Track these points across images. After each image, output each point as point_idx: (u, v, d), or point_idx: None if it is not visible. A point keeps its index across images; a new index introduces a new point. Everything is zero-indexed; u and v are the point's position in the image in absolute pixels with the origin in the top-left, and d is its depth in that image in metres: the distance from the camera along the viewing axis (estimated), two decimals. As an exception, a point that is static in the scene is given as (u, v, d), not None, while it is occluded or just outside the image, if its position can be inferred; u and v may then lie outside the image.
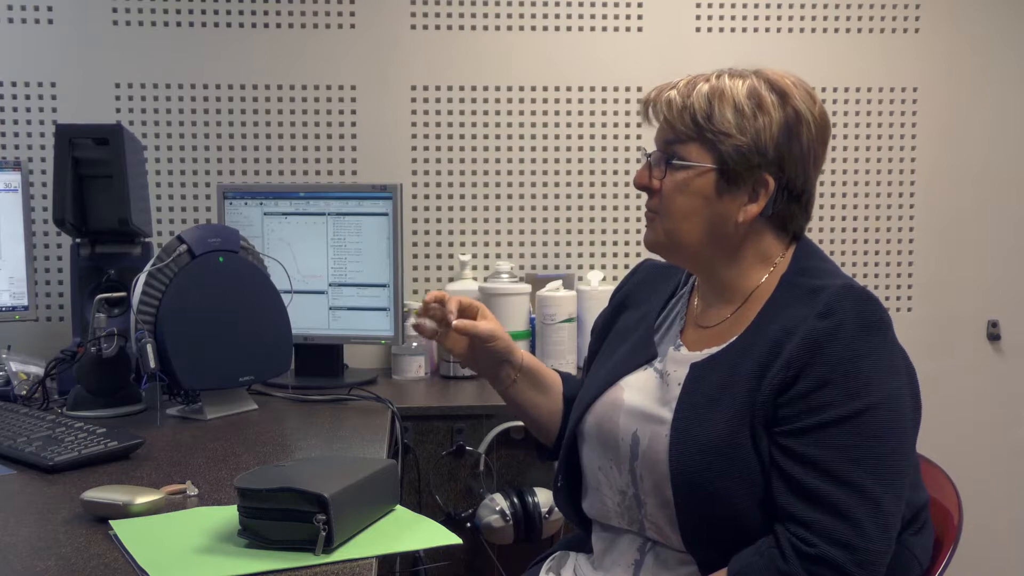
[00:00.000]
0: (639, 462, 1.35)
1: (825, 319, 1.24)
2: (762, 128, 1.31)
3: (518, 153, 2.79)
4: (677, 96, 1.34)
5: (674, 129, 1.34)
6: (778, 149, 1.32)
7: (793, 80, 1.35)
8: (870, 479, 1.20)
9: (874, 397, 1.22)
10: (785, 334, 1.26)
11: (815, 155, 1.36)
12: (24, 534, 1.31)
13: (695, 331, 1.42)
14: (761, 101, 1.32)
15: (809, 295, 1.28)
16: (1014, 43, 2.90)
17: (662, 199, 1.36)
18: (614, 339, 1.53)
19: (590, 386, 1.49)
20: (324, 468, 1.37)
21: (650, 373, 1.41)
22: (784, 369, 1.24)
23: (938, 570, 1.38)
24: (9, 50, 2.61)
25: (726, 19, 2.81)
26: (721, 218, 1.34)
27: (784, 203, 1.35)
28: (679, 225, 1.36)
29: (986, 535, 2.69)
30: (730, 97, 1.32)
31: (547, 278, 2.65)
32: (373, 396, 2.21)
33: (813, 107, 1.34)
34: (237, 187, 2.53)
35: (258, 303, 2.09)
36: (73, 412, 2.00)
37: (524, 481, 2.31)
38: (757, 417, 1.26)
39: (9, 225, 2.37)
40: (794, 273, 1.35)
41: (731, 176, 1.32)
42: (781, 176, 1.33)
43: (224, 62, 2.68)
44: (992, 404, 2.95)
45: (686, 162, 1.33)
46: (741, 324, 1.35)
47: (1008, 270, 2.95)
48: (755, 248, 1.37)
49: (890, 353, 1.26)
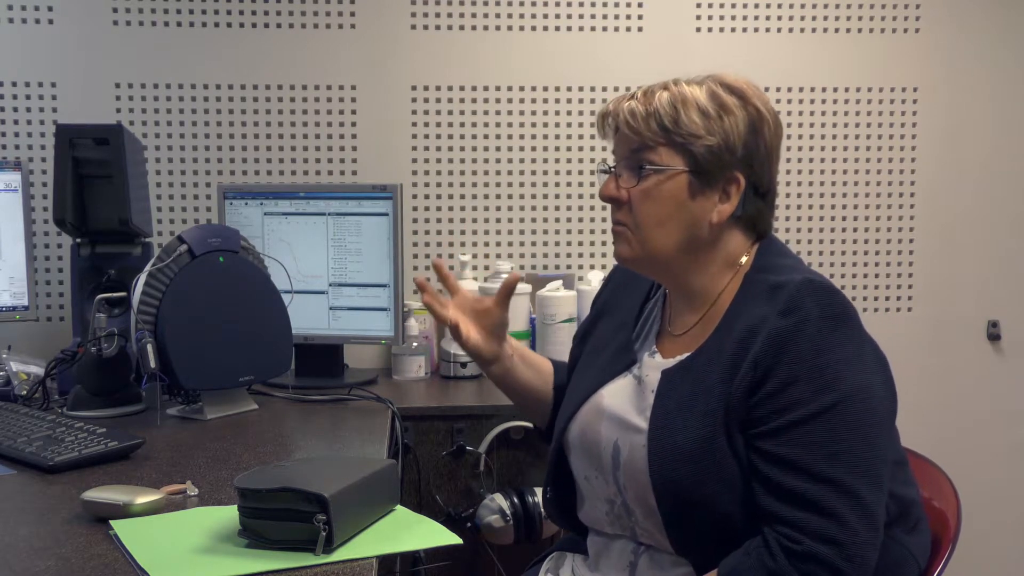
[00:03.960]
0: (621, 472, 1.35)
1: (787, 316, 1.24)
2: (730, 127, 1.32)
3: (518, 153, 2.79)
4: (638, 105, 1.34)
5: (640, 136, 1.33)
6: (746, 147, 1.33)
7: (746, 81, 1.37)
8: (847, 473, 1.20)
9: (843, 390, 1.22)
10: (750, 333, 1.26)
11: (776, 153, 1.38)
12: (24, 534, 1.31)
13: (669, 338, 1.42)
14: (723, 102, 1.33)
15: (770, 292, 1.28)
16: (1014, 43, 2.90)
17: (632, 209, 1.35)
18: (595, 346, 1.53)
19: (573, 395, 1.49)
20: (324, 468, 1.37)
21: (629, 379, 1.41)
22: (752, 369, 1.24)
23: (936, 570, 1.38)
24: (10, 50, 2.61)
25: (726, 19, 2.81)
26: (695, 221, 1.34)
27: (751, 200, 1.35)
28: (652, 233, 1.35)
29: (985, 535, 2.69)
30: (692, 101, 1.32)
31: (547, 278, 2.65)
32: (373, 396, 2.21)
33: (768, 106, 1.36)
34: (237, 187, 2.54)
35: (258, 303, 2.09)
36: (73, 412, 2.00)
37: (524, 481, 2.31)
38: (731, 420, 1.26)
39: (9, 225, 2.37)
40: (756, 271, 1.35)
41: (703, 177, 1.33)
42: (750, 174, 1.34)
43: (224, 62, 2.68)
44: (992, 404, 2.95)
45: (659, 166, 1.33)
46: (708, 328, 1.35)
47: (1008, 270, 2.95)
48: (724, 251, 1.37)
49: (856, 345, 1.25)
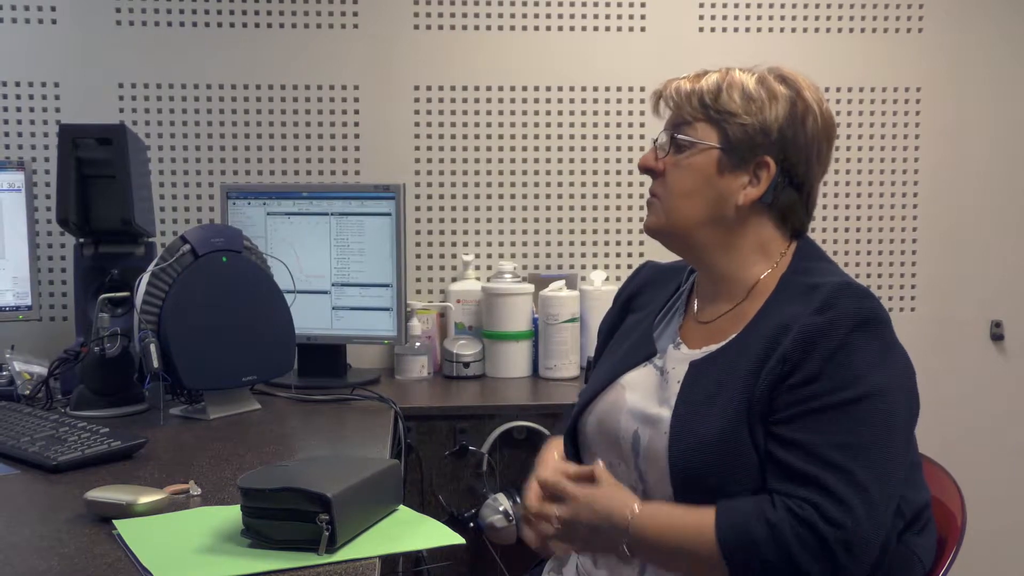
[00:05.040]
0: (641, 459, 1.36)
1: (821, 314, 1.25)
2: (768, 110, 1.33)
3: (521, 153, 2.78)
4: (686, 83, 1.38)
5: (681, 112, 1.38)
6: (782, 132, 1.33)
7: (805, 77, 1.38)
8: (859, 467, 1.20)
9: (865, 389, 1.22)
10: (782, 330, 1.27)
11: (819, 148, 1.37)
12: (27, 534, 1.31)
13: (695, 328, 1.42)
14: (770, 87, 1.35)
15: (807, 292, 1.29)
16: (1018, 43, 2.89)
17: (664, 180, 1.39)
18: (619, 339, 1.54)
19: (592, 383, 1.50)
20: (327, 468, 1.37)
21: (650, 370, 1.42)
22: (780, 364, 1.25)
23: (942, 570, 1.38)
24: (13, 50, 2.61)
25: (729, 19, 2.81)
26: (721, 198, 1.35)
27: (784, 191, 1.35)
28: (678, 203, 1.37)
29: (990, 535, 2.68)
30: (739, 83, 1.35)
31: (550, 278, 2.65)
32: (376, 396, 2.21)
33: (821, 103, 1.37)
34: (240, 187, 2.53)
35: (261, 303, 2.09)
36: (76, 412, 2.00)
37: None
38: (754, 412, 1.26)
39: (13, 225, 2.37)
40: (793, 272, 1.36)
41: (733, 156, 1.34)
42: (783, 161, 1.34)
43: (227, 62, 2.68)
44: (995, 404, 2.95)
45: (689, 138, 1.36)
46: (740, 321, 1.35)
47: (1011, 270, 2.94)
48: (754, 238, 1.37)
49: (885, 349, 1.26)
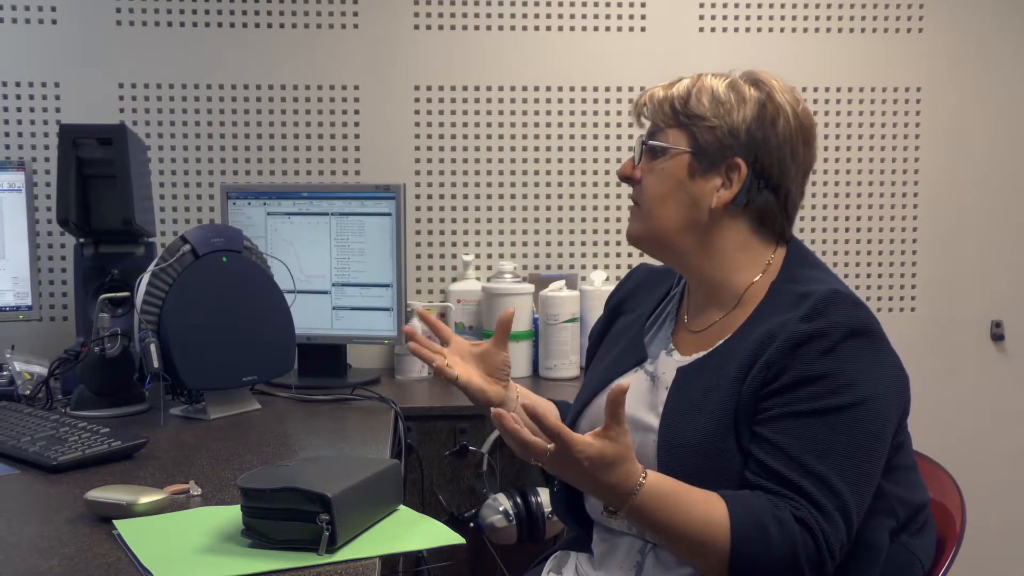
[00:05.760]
0: None
1: (808, 322, 1.25)
2: (736, 113, 1.34)
3: (521, 153, 2.78)
4: (660, 91, 1.40)
5: (655, 119, 1.40)
6: (751, 133, 1.34)
7: (778, 80, 1.38)
8: (836, 475, 1.20)
9: (852, 397, 1.22)
10: (769, 337, 1.27)
11: (793, 149, 1.36)
12: (27, 534, 1.31)
13: (686, 335, 1.43)
14: (740, 91, 1.35)
15: (796, 300, 1.29)
16: (1018, 43, 2.89)
17: (642, 187, 1.41)
18: (609, 344, 1.54)
19: (584, 389, 1.50)
20: (327, 468, 1.37)
21: (640, 375, 1.42)
22: (764, 369, 1.25)
23: (941, 570, 1.38)
24: (13, 50, 2.61)
25: (729, 19, 2.81)
26: (694, 202, 1.36)
27: (759, 193, 1.35)
28: (654, 210, 1.39)
29: (989, 535, 2.68)
30: (709, 88, 1.36)
31: (550, 278, 2.65)
32: (376, 396, 2.21)
33: (795, 104, 1.37)
34: (240, 187, 2.54)
35: (261, 303, 2.09)
36: (76, 412, 2.00)
37: (527, 481, 2.31)
38: (740, 418, 1.27)
39: (13, 225, 2.37)
40: (783, 280, 1.36)
41: (704, 159, 1.35)
42: (755, 163, 1.34)
43: (227, 62, 2.68)
44: (995, 404, 2.95)
45: (661, 143, 1.37)
46: (729, 328, 1.36)
47: (1012, 270, 2.94)
48: (733, 241, 1.37)
49: (875, 358, 1.25)
